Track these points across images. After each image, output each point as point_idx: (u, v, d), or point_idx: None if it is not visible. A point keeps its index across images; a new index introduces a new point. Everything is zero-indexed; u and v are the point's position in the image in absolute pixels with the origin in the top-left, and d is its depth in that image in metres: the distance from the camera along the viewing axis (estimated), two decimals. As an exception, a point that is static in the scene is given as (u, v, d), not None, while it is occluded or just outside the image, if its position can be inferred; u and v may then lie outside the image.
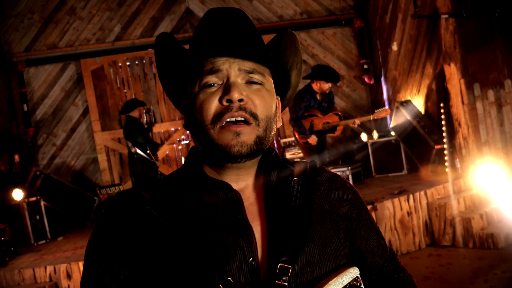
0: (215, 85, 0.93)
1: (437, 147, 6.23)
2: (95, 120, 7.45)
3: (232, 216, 0.92)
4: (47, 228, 6.08)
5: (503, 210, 4.95)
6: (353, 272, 0.89)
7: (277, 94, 1.05)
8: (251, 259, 0.87)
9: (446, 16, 5.68)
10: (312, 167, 1.06)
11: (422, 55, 6.72)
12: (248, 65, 0.94)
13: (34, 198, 6.08)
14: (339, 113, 5.76)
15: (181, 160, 7.17)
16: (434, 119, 6.59)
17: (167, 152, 7.75)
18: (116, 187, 6.38)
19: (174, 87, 1.07)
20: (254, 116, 0.93)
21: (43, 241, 5.97)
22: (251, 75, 0.95)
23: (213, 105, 0.92)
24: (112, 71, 7.63)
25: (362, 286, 0.89)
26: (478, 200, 5.29)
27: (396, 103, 6.94)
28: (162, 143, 7.63)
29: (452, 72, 5.85)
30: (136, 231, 0.89)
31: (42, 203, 6.12)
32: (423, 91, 6.82)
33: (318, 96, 5.60)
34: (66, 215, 6.66)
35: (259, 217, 0.95)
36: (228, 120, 0.91)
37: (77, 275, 4.46)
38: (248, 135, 0.92)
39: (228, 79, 0.93)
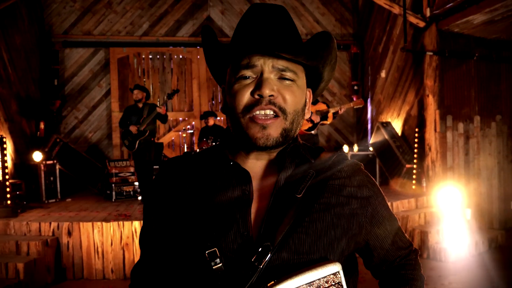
0: (250, 78, 0.87)
1: (408, 166, 6.11)
2: (115, 101, 7.33)
3: (241, 192, 0.89)
4: (59, 189, 5.97)
5: (456, 229, 4.82)
6: (333, 268, 0.78)
7: (309, 86, 0.98)
8: (245, 233, 0.84)
9: (431, 53, 5.55)
10: (336, 161, 0.94)
11: (405, 84, 6.58)
12: (281, 63, 0.87)
13: (51, 162, 5.97)
14: (326, 102, 5.73)
15: (184, 146, 7.03)
16: (408, 141, 6.45)
17: (173, 138, 7.61)
18: (124, 162, 6.23)
19: (217, 72, 1.01)
20: (283, 110, 0.86)
21: (53, 200, 5.84)
22: (284, 73, 0.87)
23: (245, 97, 0.86)
24: (136, 61, 7.52)
25: (341, 281, 0.77)
26: (437, 216, 5.15)
27: (378, 123, 6.80)
28: (170, 130, 7.50)
29: (430, 103, 5.71)
30: (173, 189, 0.93)
31: (58, 166, 6.01)
32: (403, 115, 6.68)
33: None
34: (77, 180, 6.54)
35: (266, 200, 0.89)
36: (258, 112, 0.85)
37: (76, 233, 4.32)
38: (274, 129, 0.86)
39: (261, 74, 0.86)
